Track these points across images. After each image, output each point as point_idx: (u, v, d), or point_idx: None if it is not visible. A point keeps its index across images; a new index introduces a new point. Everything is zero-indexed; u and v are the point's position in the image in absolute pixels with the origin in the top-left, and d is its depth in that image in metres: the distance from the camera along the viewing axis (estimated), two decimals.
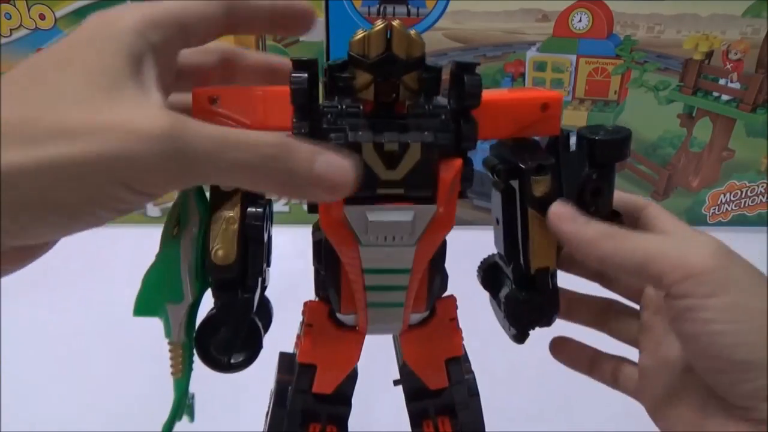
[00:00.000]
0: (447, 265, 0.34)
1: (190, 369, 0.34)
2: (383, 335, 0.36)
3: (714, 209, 0.87)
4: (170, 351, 0.33)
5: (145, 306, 0.33)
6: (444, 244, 0.32)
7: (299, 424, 0.36)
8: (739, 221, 0.88)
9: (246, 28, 0.30)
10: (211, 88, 0.31)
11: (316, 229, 0.33)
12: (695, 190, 0.87)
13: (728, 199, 0.87)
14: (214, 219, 0.31)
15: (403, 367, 0.38)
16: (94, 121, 0.22)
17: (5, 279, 0.26)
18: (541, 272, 0.33)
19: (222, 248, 0.31)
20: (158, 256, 0.32)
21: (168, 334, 0.33)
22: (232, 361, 0.33)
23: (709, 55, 0.79)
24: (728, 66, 0.80)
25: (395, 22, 0.27)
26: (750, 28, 0.77)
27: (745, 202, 0.87)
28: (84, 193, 0.22)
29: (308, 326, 0.35)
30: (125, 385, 0.57)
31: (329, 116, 0.28)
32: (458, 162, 0.28)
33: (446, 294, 0.36)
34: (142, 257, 0.36)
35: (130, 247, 0.37)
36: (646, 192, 0.86)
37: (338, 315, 0.34)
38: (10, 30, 0.78)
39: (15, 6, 0.76)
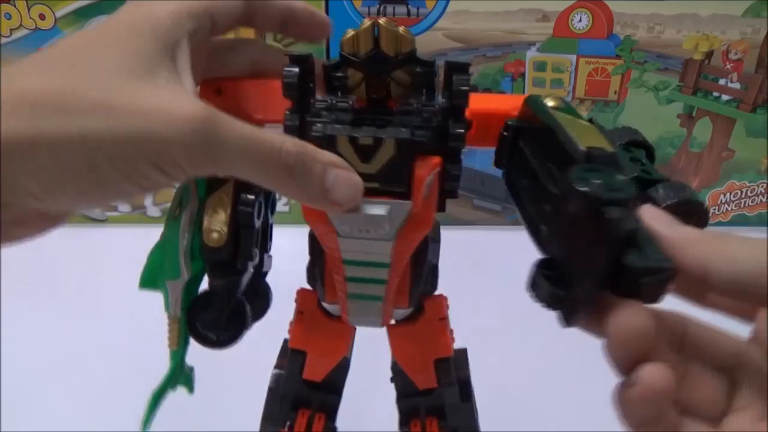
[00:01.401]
0: (447, 265, 0.34)
1: (186, 342, 0.36)
2: (379, 330, 0.36)
3: (714, 209, 0.87)
4: (168, 324, 0.35)
5: (148, 280, 0.35)
6: (428, 241, 0.32)
7: (290, 409, 0.37)
8: (739, 221, 0.88)
9: (261, 24, 0.32)
10: (217, 79, 0.32)
11: None
12: (695, 190, 0.87)
13: (728, 199, 0.87)
14: (208, 203, 0.33)
15: (394, 365, 0.38)
16: (132, 101, 0.23)
17: (5, 279, 0.27)
18: (596, 149, 0.26)
19: (215, 231, 0.32)
20: (162, 235, 0.35)
21: (167, 308, 0.35)
22: (218, 338, 0.35)
23: (709, 55, 0.79)
24: (728, 66, 0.80)
25: (382, 20, 0.28)
26: (750, 28, 0.77)
27: (745, 202, 0.87)
28: (114, 167, 0.23)
29: (299, 313, 0.36)
30: (125, 385, 0.57)
31: (318, 110, 0.29)
32: (436, 160, 0.28)
33: (442, 293, 0.36)
34: (142, 257, 0.36)
35: (130, 247, 0.38)
36: None
37: (323, 304, 0.35)
38: (10, 30, 0.78)
39: (15, 6, 0.76)
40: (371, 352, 0.37)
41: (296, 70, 0.29)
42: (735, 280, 0.23)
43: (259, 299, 0.37)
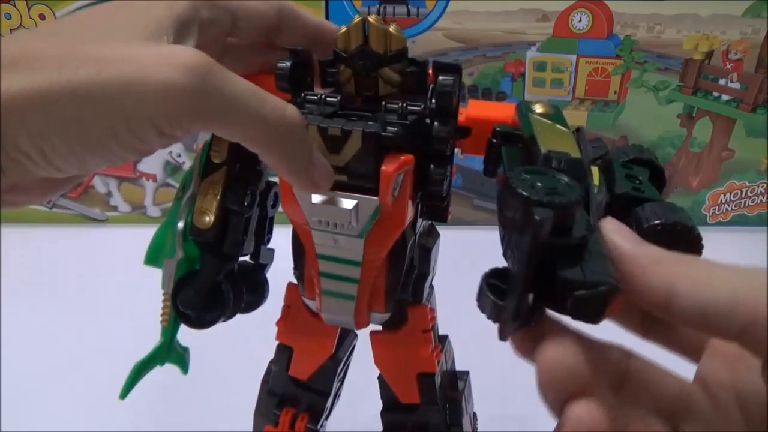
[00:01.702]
0: (447, 265, 0.34)
1: (177, 320, 0.36)
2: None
3: (714, 209, 0.87)
4: (162, 301, 0.36)
5: (152, 257, 0.36)
6: (407, 244, 0.32)
7: (276, 404, 0.37)
8: (739, 221, 0.88)
9: (289, 38, 0.32)
10: None
11: None
12: (695, 190, 0.87)
13: (728, 199, 0.87)
14: (202, 186, 0.34)
15: (380, 374, 0.37)
16: (127, 53, 0.23)
17: (5, 279, 0.27)
18: (557, 153, 0.25)
19: (204, 213, 0.33)
20: (167, 215, 0.36)
21: (163, 284, 0.36)
22: (197, 317, 0.35)
23: (709, 55, 0.79)
24: (728, 66, 0.80)
25: (371, 17, 0.28)
26: (750, 28, 0.77)
27: (745, 202, 0.87)
28: (105, 123, 0.22)
29: (287, 307, 0.36)
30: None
31: (306, 103, 0.29)
32: (407, 158, 0.28)
33: (441, 296, 0.36)
34: (142, 257, 0.36)
35: (130, 247, 0.38)
36: None
37: (303, 299, 0.35)
38: (10, 30, 0.77)
39: (15, 6, 0.76)
40: (368, 355, 0.37)
41: (288, 63, 0.29)
42: (704, 308, 0.19)
43: (255, 291, 0.37)
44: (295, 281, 0.35)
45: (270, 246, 0.39)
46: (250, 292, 0.37)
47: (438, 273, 0.36)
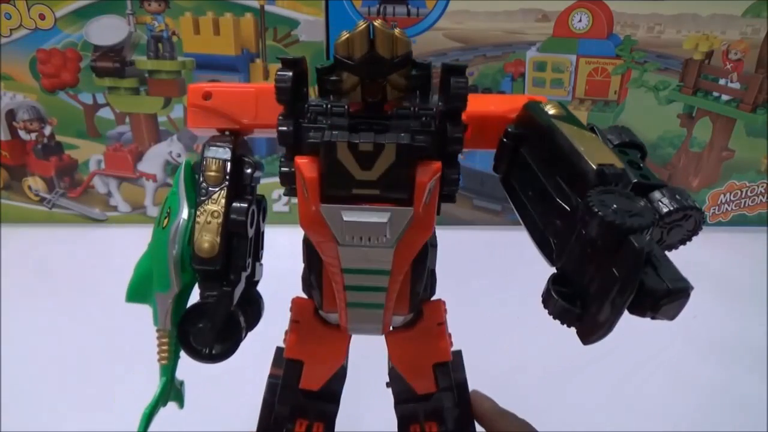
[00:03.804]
0: (446, 265, 0.34)
1: (177, 356, 0.35)
2: (376, 337, 0.36)
3: (714, 209, 0.87)
4: (158, 338, 0.34)
5: (135, 293, 0.34)
6: (428, 247, 0.32)
7: (287, 419, 0.37)
8: (739, 221, 0.88)
9: None
10: (205, 84, 0.32)
11: None
12: (695, 190, 0.87)
13: (728, 199, 0.87)
14: (199, 212, 0.32)
15: (392, 370, 0.37)
16: None
17: (5, 279, 0.27)
18: (608, 167, 0.26)
19: (207, 241, 0.31)
20: (149, 245, 0.33)
21: (156, 321, 0.34)
22: (211, 352, 0.33)
23: (709, 55, 0.79)
24: (728, 66, 0.80)
25: (377, 22, 0.27)
26: (750, 28, 0.77)
27: (745, 202, 0.87)
28: None
29: (295, 322, 0.36)
30: (125, 385, 0.57)
31: (312, 114, 0.28)
32: (437, 165, 0.28)
33: (441, 296, 0.36)
34: None
35: (130, 247, 0.37)
36: None
37: (321, 313, 0.34)
38: (10, 30, 0.77)
39: (15, 6, 0.76)
40: (367, 357, 0.37)
41: (290, 74, 0.28)
42: None
43: (251, 309, 0.36)
44: (297, 295, 0.35)
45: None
46: (248, 311, 0.35)
47: (438, 272, 0.36)
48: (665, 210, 0.26)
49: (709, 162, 0.85)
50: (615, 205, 0.23)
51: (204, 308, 0.33)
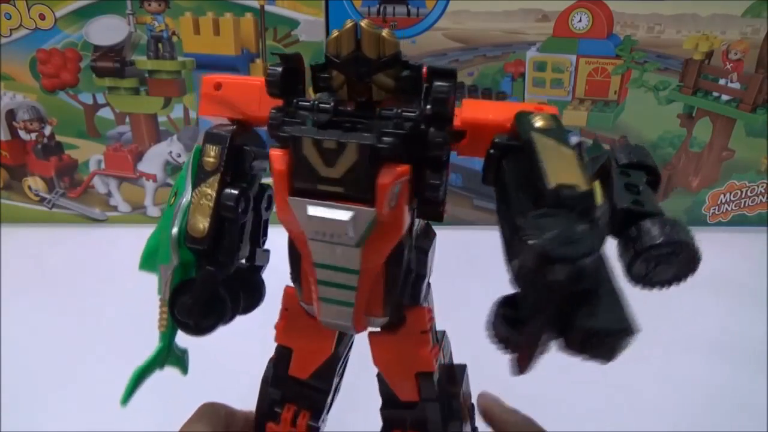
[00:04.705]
0: (447, 265, 0.34)
1: (174, 325, 0.36)
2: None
3: (714, 209, 0.87)
4: (159, 307, 0.36)
5: (145, 262, 0.36)
6: (403, 249, 0.31)
7: (277, 402, 0.38)
8: (739, 221, 0.88)
9: None
10: (218, 75, 0.34)
11: None
12: (695, 191, 0.87)
13: (728, 199, 0.87)
14: (196, 193, 0.34)
15: (379, 373, 0.37)
16: None
17: (5, 279, 0.27)
18: (567, 188, 0.24)
19: (199, 221, 0.33)
20: (159, 221, 0.36)
21: (159, 290, 0.36)
22: (195, 324, 0.35)
23: (709, 55, 0.79)
24: (728, 66, 0.80)
25: (363, 22, 0.27)
26: (750, 28, 0.77)
27: (745, 202, 0.87)
28: None
29: (285, 310, 0.36)
30: (125, 384, 0.57)
31: (298, 110, 0.29)
32: (403, 168, 0.28)
33: (441, 296, 0.35)
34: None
35: (130, 247, 0.38)
36: None
37: (301, 304, 0.35)
38: (10, 30, 0.78)
39: (15, 6, 0.76)
40: (367, 354, 0.37)
41: (279, 69, 0.29)
42: None
43: (252, 293, 0.37)
44: (292, 284, 0.35)
45: (266, 246, 0.38)
46: (246, 294, 0.37)
47: (438, 273, 0.36)
48: (648, 243, 0.24)
49: (709, 162, 0.85)
50: (555, 231, 0.21)
51: (190, 284, 0.35)
